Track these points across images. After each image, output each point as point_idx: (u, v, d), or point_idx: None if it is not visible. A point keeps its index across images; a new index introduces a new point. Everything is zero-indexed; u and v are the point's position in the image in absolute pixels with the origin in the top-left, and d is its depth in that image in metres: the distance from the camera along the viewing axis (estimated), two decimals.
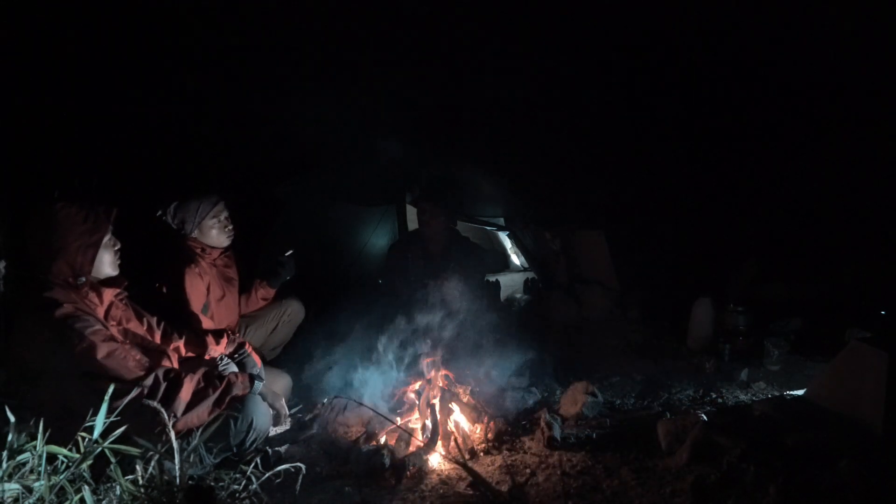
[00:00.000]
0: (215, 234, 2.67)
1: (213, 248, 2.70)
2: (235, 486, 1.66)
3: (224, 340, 2.41)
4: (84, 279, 1.93)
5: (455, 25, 2.84)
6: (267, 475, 1.66)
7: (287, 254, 3.06)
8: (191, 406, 1.91)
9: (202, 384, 1.97)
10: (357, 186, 4.27)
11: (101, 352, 1.80)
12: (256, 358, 2.50)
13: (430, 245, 3.39)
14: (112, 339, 1.89)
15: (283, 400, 2.48)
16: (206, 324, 2.57)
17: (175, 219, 2.60)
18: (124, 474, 1.52)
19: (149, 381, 1.82)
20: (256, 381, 2.18)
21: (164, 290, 2.52)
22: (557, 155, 3.76)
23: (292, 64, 3.08)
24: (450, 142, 3.80)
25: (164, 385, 1.85)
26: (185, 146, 3.35)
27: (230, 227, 2.72)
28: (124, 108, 3.03)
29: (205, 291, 2.63)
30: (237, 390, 2.07)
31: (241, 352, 2.44)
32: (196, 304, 2.56)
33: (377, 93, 3.35)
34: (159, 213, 2.59)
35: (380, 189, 4.35)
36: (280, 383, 2.76)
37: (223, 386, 2.01)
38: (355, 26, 2.84)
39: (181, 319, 2.48)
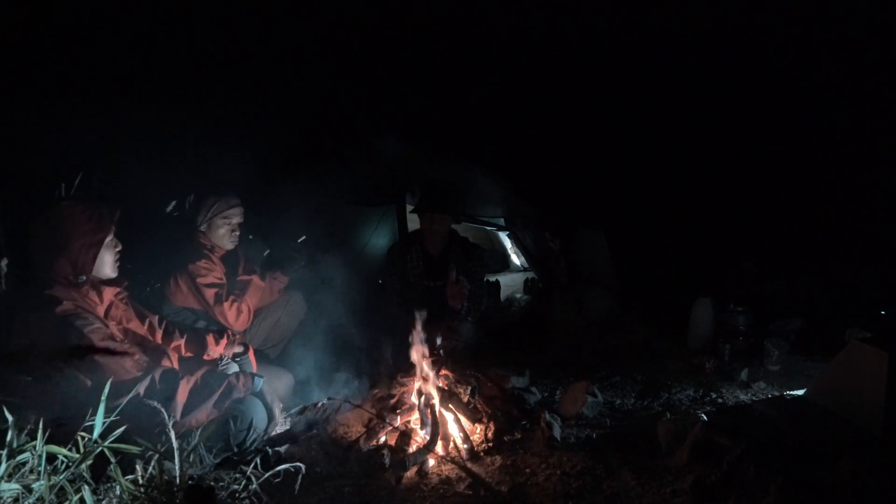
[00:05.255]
0: (222, 233, 2.71)
1: (219, 247, 2.72)
2: (235, 486, 1.66)
3: (224, 341, 2.41)
4: (85, 278, 1.93)
5: (455, 26, 2.84)
6: (267, 475, 1.66)
7: (299, 240, 3.14)
8: (188, 408, 1.91)
9: (199, 386, 1.96)
10: (357, 186, 4.27)
11: (100, 350, 1.80)
12: (253, 360, 2.50)
13: (430, 246, 3.38)
14: (111, 338, 1.89)
15: (278, 401, 2.49)
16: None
17: (191, 208, 2.70)
18: (124, 474, 1.52)
19: (144, 383, 1.82)
20: (257, 379, 2.18)
21: (179, 285, 2.54)
22: (557, 155, 3.76)
23: (293, 63, 3.08)
24: (450, 142, 3.80)
25: (158, 389, 1.86)
26: (186, 146, 3.35)
27: (237, 234, 2.77)
28: (124, 107, 3.04)
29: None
30: (237, 393, 2.07)
31: (243, 356, 2.45)
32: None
33: (378, 92, 3.35)
34: (170, 206, 2.63)
35: (380, 189, 4.35)
36: (282, 382, 2.76)
37: (222, 389, 2.01)
38: (356, 26, 2.85)
39: (190, 316, 2.51)
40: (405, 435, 2.23)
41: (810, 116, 3.16)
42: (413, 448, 2.15)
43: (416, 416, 2.36)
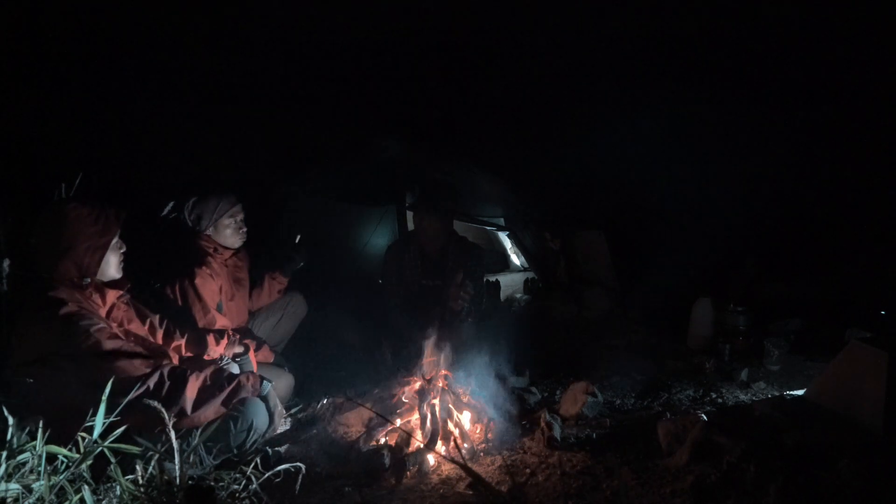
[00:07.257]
0: (229, 233, 2.69)
1: (225, 248, 2.71)
2: (235, 486, 1.66)
3: (224, 341, 2.41)
4: (89, 280, 1.93)
5: (456, 25, 2.85)
6: (267, 475, 1.66)
7: (297, 240, 3.13)
8: (197, 405, 1.89)
9: (209, 383, 1.95)
10: (357, 186, 4.27)
11: (107, 348, 1.79)
12: (254, 360, 2.50)
13: (427, 245, 3.38)
14: (117, 336, 1.88)
15: (279, 402, 2.48)
16: (222, 321, 2.60)
17: (192, 214, 2.62)
18: (124, 474, 1.52)
19: (154, 378, 1.81)
20: (265, 383, 2.17)
21: (177, 288, 2.53)
22: (557, 155, 3.76)
23: (292, 64, 3.08)
24: (450, 142, 3.80)
25: (168, 384, 1.84)
26: (186, 146, 3.35)
27: (244, 230, 2.75)
28: (124, 108, 3.04)
29: (218, 291, 2.64)
30: (245, 392, 2.04)
31: (243, 357, 2.45)
32: (211, 303, 2.58)
33: (378, 92, 3.35)
34: (168, 208, 2.60)
35: (380, 189, 4.35)
36: (282, 383, 2.76)
37: (232, 387, 1.99)
38: (356, 26, 2.85)
39: (190, 319, 2.49)
40: (405, 435, 2.23)
41: (809, 115, 3.16)
42: (413, 448, 2.15)
43: (416, 416, 2.36)
